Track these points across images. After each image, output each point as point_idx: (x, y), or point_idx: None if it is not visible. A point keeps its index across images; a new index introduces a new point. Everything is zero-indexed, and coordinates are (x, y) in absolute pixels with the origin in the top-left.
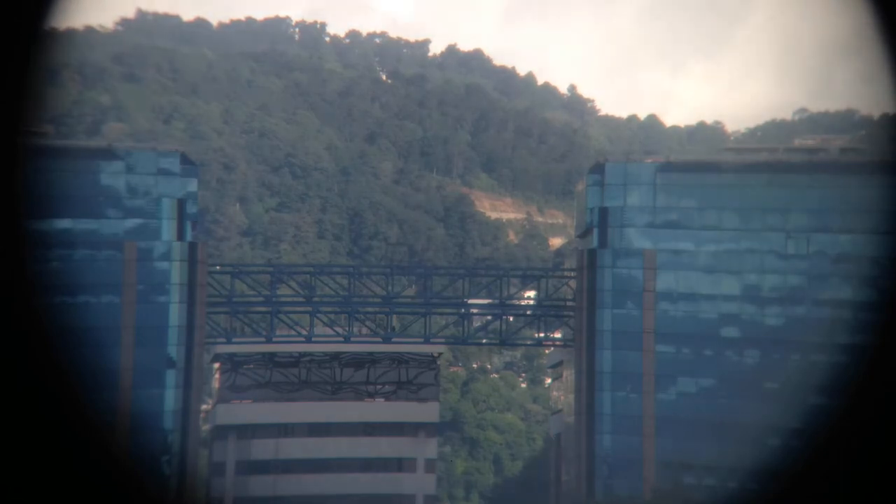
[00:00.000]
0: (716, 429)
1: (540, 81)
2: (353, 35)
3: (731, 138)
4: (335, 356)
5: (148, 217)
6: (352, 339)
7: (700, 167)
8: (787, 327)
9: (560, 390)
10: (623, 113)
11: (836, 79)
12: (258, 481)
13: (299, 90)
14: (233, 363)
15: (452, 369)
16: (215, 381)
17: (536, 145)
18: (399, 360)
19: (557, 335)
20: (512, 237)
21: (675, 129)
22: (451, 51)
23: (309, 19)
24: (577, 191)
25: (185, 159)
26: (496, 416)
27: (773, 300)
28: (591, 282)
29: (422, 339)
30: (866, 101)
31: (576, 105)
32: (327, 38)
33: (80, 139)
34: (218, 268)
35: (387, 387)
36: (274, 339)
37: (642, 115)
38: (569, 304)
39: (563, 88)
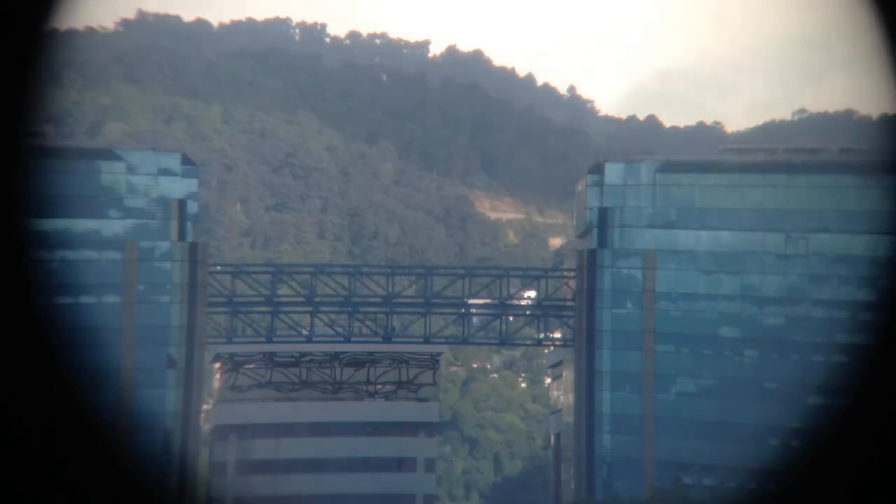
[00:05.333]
0: (716, 429)
1: (540, 81)
2: (353, 35)
3: (731, 138)
4: (335, 356)
5: (148, 217)
6: (352, 339)
7: (700, 167)
8: (787, 327)
9: (560, 390)
10: (623, 113)
11: (835, 79)
12: (258, 481)
13: (299, 90)
14: (233, 363)
15: (452, 369)
16: (215, 381)
17: (536, 145)
18: (399, 359)
19: (557, 335)
20: (512, 237)
21: (674, 129)
22: (451, 51)
23: (309, 19)
24: (576, 191)
25: (185, 159)
26: (496, 416)
27: (773, 300)
28: (591, 282)
29: (422, 339)
30: (866, 101)
31: (576, 105)
32: (327, 38)
33: (80, 139)
34: (218, 268)
35: (387, 387)
36: (274, 339)
37: (642, 115)
38: (569, 303)
39: (563, 88)
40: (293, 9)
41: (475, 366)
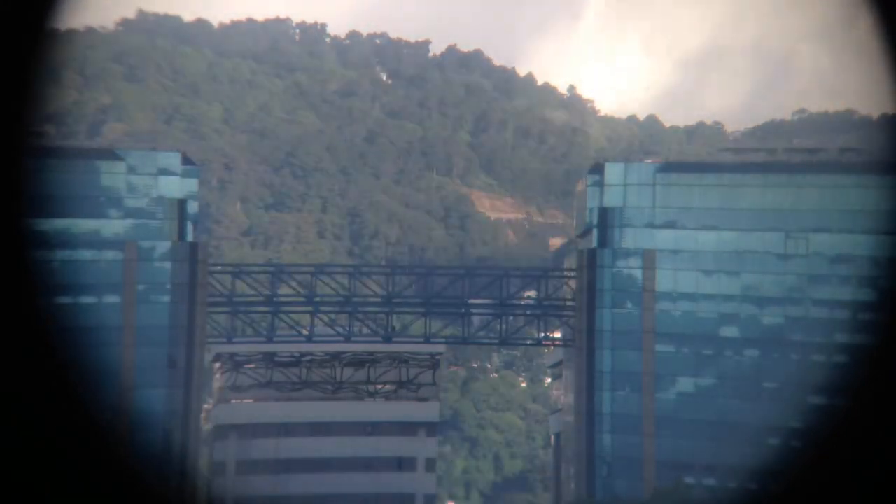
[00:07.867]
0: (716, 429)
1: (540, 81)
2: (353, 35)
3: (731, 138)
4: (335, 356)
5: (148, 217)
6: (352, 338)
7: (700, 167)
8: (787, 327)
9: (560, 390)
10: (623, 113)
11: (835, 79)
12: (258, 481)
13: (299, 90)
14: (233, 363)
15: (452, 369)
16: (215, 381)
17: (536, 145)
18: (399, 359)
19: (557, 335)
20: (512, 237)
21: (674, 129)
22: (451, 51)
23: (309, 19)
24: (576, 191)
25: (185, 159)
26: (496, 416)
27: (773, 300)
28: (591, 281)
29: (422, 339)
30: (866, 101)
31: (576, 105)
32: (327, 38)
33: (81, 139)
34: (218, 267)
35: (387, 386)
36: (274, 339)
37: (642, 115)
38: (569, 303)
39: (563, 88)
40: (293, 9)
41: (475, 366)
